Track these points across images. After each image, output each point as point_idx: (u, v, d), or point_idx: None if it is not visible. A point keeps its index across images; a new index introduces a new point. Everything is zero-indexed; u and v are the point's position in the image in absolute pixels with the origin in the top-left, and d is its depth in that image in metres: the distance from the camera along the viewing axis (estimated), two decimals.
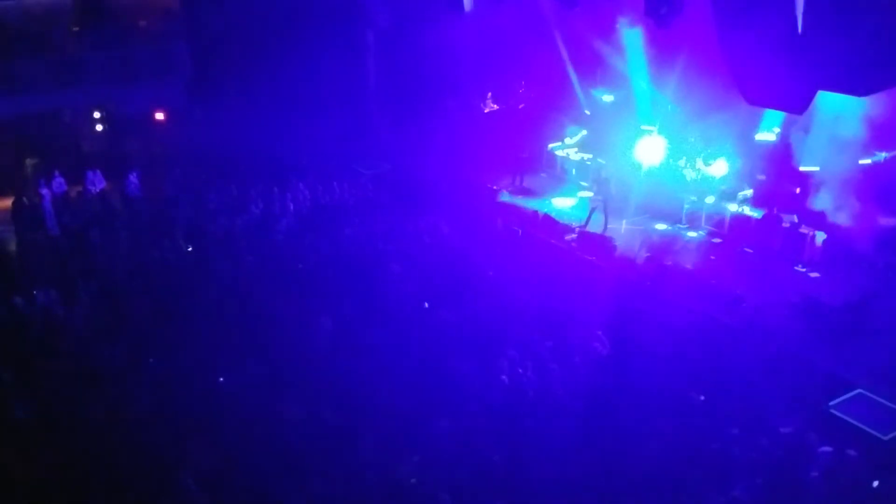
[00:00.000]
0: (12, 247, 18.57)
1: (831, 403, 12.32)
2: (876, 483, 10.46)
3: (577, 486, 10.25)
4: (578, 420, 11.34)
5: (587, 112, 23.19)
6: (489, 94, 25.09)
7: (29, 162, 21.84)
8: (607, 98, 22.82)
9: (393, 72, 23.53)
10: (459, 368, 12.45)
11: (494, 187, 21.18)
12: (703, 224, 18.98)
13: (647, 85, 21.02)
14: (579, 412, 11.49)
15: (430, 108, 23.98)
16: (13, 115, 21.26)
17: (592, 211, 19.00)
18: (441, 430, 11.02)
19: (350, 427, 11.37)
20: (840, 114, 16.60)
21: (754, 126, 19.24)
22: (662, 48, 19.94)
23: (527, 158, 22.48)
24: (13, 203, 19.15)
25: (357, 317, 14.23)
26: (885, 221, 16.28)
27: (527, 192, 21.47)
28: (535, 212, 19.24)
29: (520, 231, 18.11)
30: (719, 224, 18.73)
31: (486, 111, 24.93)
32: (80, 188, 20.55)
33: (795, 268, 16.76)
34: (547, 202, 20.72)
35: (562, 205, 20.69)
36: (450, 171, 21.91)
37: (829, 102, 16.28)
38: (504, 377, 12.09)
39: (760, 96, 15.38)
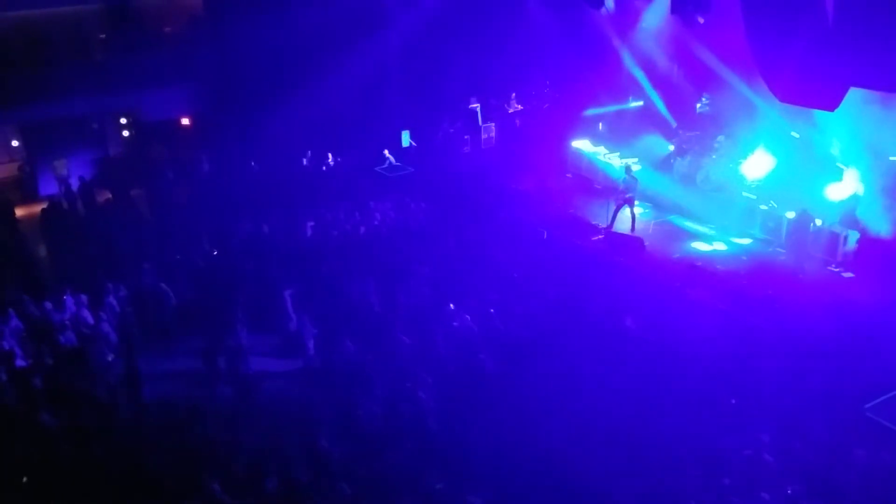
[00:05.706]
0: (42, 251, 18.73)
1: (866, 406, 12.07)
2: None
3: (605, 488, 10.15)
4: (607, 422, 11.23)
5: (600, 127, 22.95)
6: (513, 94, 24.96)
7: (57, 164, 22.09)
8: (635, 104, 22.65)
9: (416, 74, 23.54)
10: (486, 369, 12.41)
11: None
12: None
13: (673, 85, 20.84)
14: (609, 415, 11.39)
15: (452, 110, 23.96)
16: (41, 120, 21.53)
17: (616, 210, 18.71)
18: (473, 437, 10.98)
19: (380, 432, 11.40)
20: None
21: (786, 124, 18.90)
22: (689, 46, 19.73)
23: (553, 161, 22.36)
24: (44, 208, 19.33)
25: (383, 319, 14.23)
26: None
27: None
28: (561, 212, 19.01)
29: (545, 233, 17.91)
30: None
31: (510, 111, 24.82)
32: (108, 194, 20.73)
33: (828, 268, 16.50)
34: None
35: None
36: (475, 172, 21.84)
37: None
38: (532, 379, 12.01)
39: (791, 93, 15.13)
